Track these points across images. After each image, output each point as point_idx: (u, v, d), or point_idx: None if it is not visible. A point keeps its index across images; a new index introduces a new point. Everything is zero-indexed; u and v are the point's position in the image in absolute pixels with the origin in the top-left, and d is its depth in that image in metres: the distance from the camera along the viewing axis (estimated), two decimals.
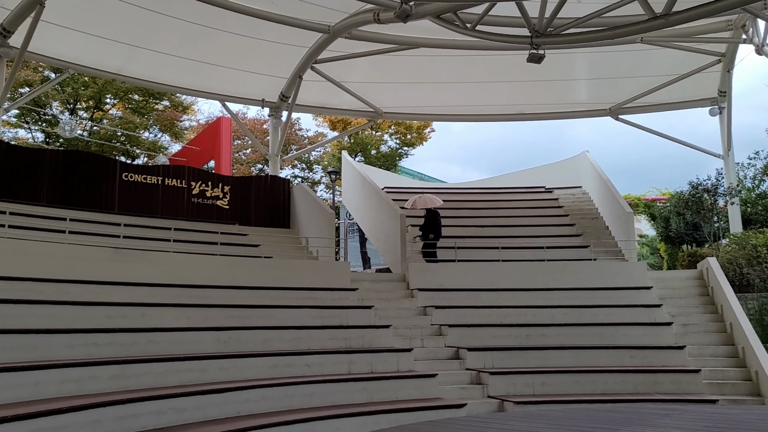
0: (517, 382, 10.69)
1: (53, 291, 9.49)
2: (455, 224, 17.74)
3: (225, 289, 11.66)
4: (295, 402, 8.93)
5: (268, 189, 18.15)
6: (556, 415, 7.14)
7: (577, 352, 11.69)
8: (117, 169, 15.84)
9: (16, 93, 26.88)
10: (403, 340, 11.81)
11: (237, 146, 37.64)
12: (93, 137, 30.69)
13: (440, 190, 22.61)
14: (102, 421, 6.82)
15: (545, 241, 16.04)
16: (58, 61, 17.80)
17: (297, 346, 10.56)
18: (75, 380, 7.44)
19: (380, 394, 9.64)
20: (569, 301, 13.34)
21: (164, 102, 34.12)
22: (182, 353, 9.14)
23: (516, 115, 22.16)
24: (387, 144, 38.82)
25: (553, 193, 20.95)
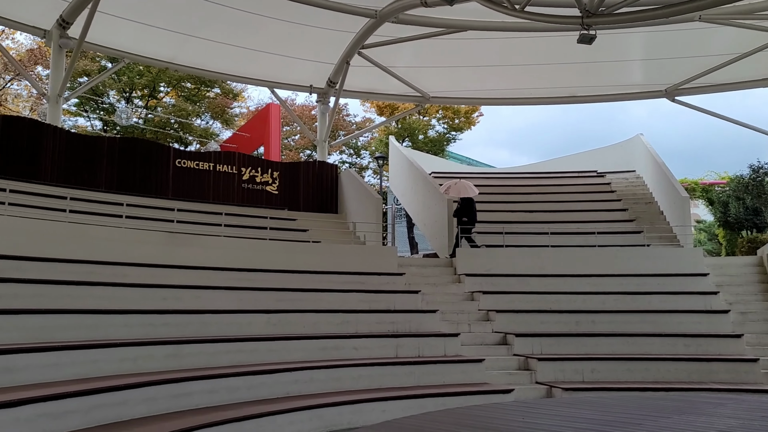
0: (566, 368, 10.57)
1: (111, 273, 9.85)
2: (503, 209, 17.58)
3: (274, 272, 11.88)
4: (342, 384, 9.05)
5: (316, 174, 18.33)
6: (605, 401, 7.02)
7: (629, 340, 11.47)
8: (171, 155, 16.27)
9: (75, 82, 27.86)
10: (450, 325, 11.82)
11: (286, 132, 38.09)
12: (148, 125, 31.58)
13: (488, 175, 22.44)
14: (157, 398, 7.07)
15: (596, 226, 15.71)
16: (114, 50, 18.34)
17: (345, 330, 10.69)
18: (132, 359, 7.73)
19: (427, 378, 9.68)
20: (621, 288, 13.09)
21: (215, 89, 34.81)
22: (234, 335, 9.38)
23: (567, 98, 21.67)
24: (434, 129, 38.61)
25: (605, 177, 20.47)
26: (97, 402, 6.36)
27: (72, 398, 6.08)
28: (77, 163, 14.70)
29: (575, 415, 5.98)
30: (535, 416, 5.97)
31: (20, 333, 7.29)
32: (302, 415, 7.79)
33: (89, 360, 7.24)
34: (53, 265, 9.24)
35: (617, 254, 14.15)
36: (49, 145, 14.37)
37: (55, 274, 9.08)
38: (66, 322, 7.84)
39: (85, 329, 8.01)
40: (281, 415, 7.57)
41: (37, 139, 14.22)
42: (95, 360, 7.30)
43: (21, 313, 7.42)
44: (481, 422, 5.69)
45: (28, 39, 29.91)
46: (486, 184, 20.25)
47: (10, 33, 28.95)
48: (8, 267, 8.63)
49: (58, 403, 5.95)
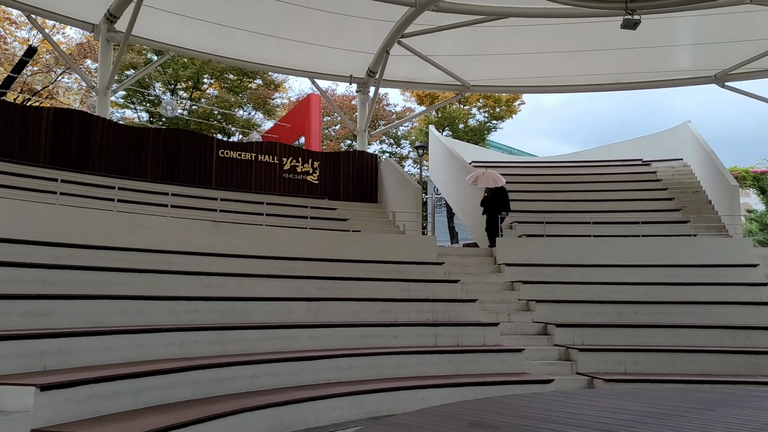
0: (608, 359, 10.44)
1: (158, 261, 10.14)
2: (544, 198, 17.39)
3: (315, 261, 12.04)
4: (382, 372, 9.14)
5: (356, 164, 18.44)
6: (647, 393, 6.92)
7: (674, 331, 11.26)
8: (214, 146, 16.60)
9: (122, 75, 28.57)
10: (489, 314, 11.79)
11: (326, 122, 38.34)
12: (192, 116, 32.21)
13: (529, 164, 22.19)
14: (201, 382, 7.27)
15: (641, 215, 15.40)
16: (159, 43, 18.76)
17: (384, 318, 10.78)
18: (178, 344, 7.95)
19: (466, 367, 9.70)
20: (666, 279, 12.84)
21: (257, 80, 35.24)
22: (275, 322, 9.56)
23: (611, 85, 21.21)
24: (475, 118, 38.32)
25: (650, 165, 20.01)
26: (145, 385, 6.58)
27: (122, 380, 6.31)
28: (125, 154, 15.15)
29: (616, 406, 5.92)
30: (575, 407, 5.93)
31: (73, 318, 7.58)
32: (342, 401, 7.90)
33: (138, 344, 7.48)
34: (103, 252, 9.56)
35: (662, 244, 13.86)
36: (98, 137, 14.84)
37: (105, 261, 9.41)
38: (116, 307, 8.11)
39: (134, 315, 8.27)
40: (322, 400, 7.69)
41: (87, 131, 14.70)
42: (143, 344, 7.54)
43: (74, 298, 7.71)
44: (519, 411, 5.69)
45: (78, 33, 30.81)
46: (527, 173, 20.07)
47: (60, 28, 29.84)
48: (61, 254, 8.98)
49: (109, 385, 6.18)
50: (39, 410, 5.41)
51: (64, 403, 5.68)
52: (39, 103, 28.08)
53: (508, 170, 20.15)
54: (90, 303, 7.83)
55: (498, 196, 15.06)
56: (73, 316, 7.59)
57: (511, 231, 15.40)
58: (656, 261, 13.33)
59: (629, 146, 22.00)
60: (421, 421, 5.16)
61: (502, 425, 5.00)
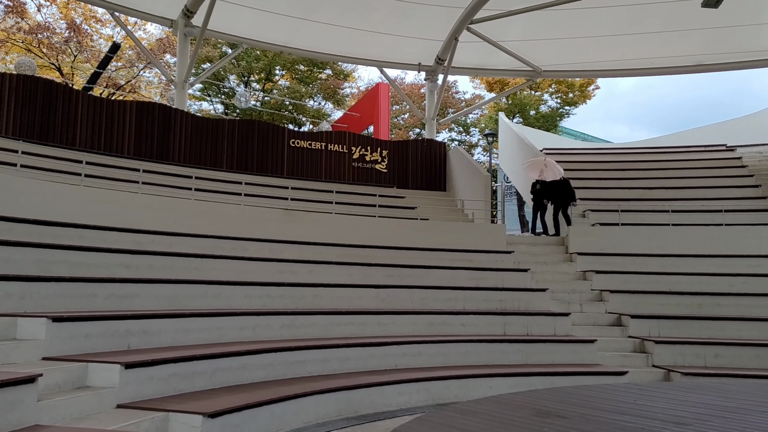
0: (686, 352, 10.05)
1: (232, 247, 10.52)
2: (620, 186, 16.86)
3: (383, 249, 12.15)
4: (450, 359, 9.16)
5: (425, 153, 18.44)
6: (727, 387, 6.63)
7: (758, 325, 10.70)
8: (285, 136, 17.00)
9: (199, 68, 29.58)
10: (560, 304, 11.58)
11: (395, 111, 38.42)
12: (264, 107, 32.99)
13: (604, 151, 21.54)
14: (274, 365, 7.51)
15: (723, 203, 14.70)
16: (233, 36, 19.32)
17: (452, 306, 10.77)
18: (251, 327, 8.24)
19: (535, 356, 9.57)
20: (751, 269, 12.23)
21: (327, 71, 35.68)
22: (344, 308, 9.73)
23: (693, 67, 20.24)
24: (547, 104, 37.45)
25: (735, 151, 19.04)
26: (221, 365, 6.86)
27: (200, 361, 6.60)
28: (202, 144, 15.76)
29: (693, 400, 5.73)
30: (649, 399, 5.77)
31: (155, 300, 7.98)
32: (410, 387, 7.97)
33: (214, 327, 7.79)
34: (182, 239, 10.01)
35: (746, 233, 13.19)
36: (178, 129, 15.49)
37: (184, 247, 9.85)
38: (194, 291, 8.47)
39: (210, 299, 8.62)
40: (390, 386, 7.79)
41: (167, 123, 15.36)
42: (219, 327, 7.85)
43: (156, 282, 8.10)
44: (589, 402, 5.59)
45: (158, 29, 32.11)
46: (602, 159, 19.50)
47: (141, 24, 31.18)
48: (144, 240, 9.46)
49: (188, 365, 6.48)
50: (123, 386, 5.73)
51: (146, 381, 5.99)
52: (123, 97, 29.48)
53: (581, 157, 19.68)
54: (170, 287, 8.21)
55: (562, 187, 14.74)
56: (154, 299, 7.98)
57: (583, 219, 15.03)
58: (741, 251, 12.71)
59: (711, 131, 20.99)
60: (487, 408, 5.16)
61: (570, 415, 4.94)
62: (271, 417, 6.30)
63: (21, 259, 7.35)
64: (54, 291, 6.87)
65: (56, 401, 5.04)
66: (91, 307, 7.20)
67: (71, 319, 6.18)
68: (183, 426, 5.48)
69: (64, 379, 5.47)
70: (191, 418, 5.49)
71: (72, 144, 14.17)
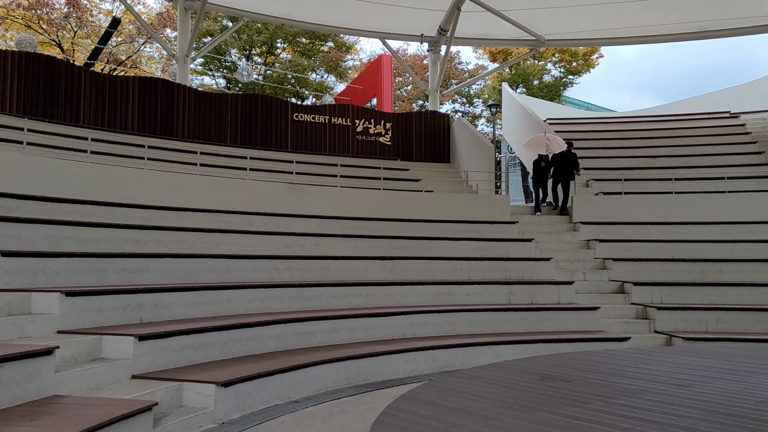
0: (688, 318, 10.19)
1: (239, 222, 10.65)
2: (623, 155, 16.87)
3: (389, 221, 12.26)
4: (456, 328, 9.32)
5: (428, 124, 18.42)
6: (728, 351, 6.77)
7: (761, 290, 10.84)
8: (289, 109, 17.00)
9: (200, 43, 29.42)
10: (564, 273, 11.70)
11: (398, 83, 38.21)
12: (267, 80, 32.85)
13: (607, 120, 21.47)
14: (284, 335, 7.67)
15: (726, 171, 14.72)
16: (234, 9, 19.19)
17: (457, 276, 10.91)
18: (260, 299, 8.39)
19: (540, 324, 9.73)
20: (753, 236, 12.32)
21: (329, 43, 35.42)
22: (351, 279, 9.88)
23: (697, 34, 20.03)
24: (550, 73, 37.18)
25: (739, 118, 18.97)
26: (232, 337, 7.02)
27: (211, 332, 6.76)
28: (206, 119, 15.79)
29: (693, 363, 5.86)
30: (650, 363, 5.91)
31: (165, 274, 8.12)
32: (417, 355, 8.14)
33: (224, 299, 7.95)
34: (189, 214, 10.12)
35: (749, 200, 13.24)
36: (181, 104, 15.50)
37: (192, 222, 9.97)
38: (203, 265, 8.61)
39: (219, 272, 8.77)
40: (397, 354, 7.96)
41: (170, 99, 15.37)
42: (229, 300, 8.00)
43: (165, 257, 8.23)
44: (592, 366, 5.73)
45: (157, 3, 31.90)
46: (605, 129, 19.47)
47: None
48: (152, 216, 9.58)
49: (199, 337, 6.63)
50: (138, 358, 5.89)
51: (160, 352, 6.15)
52: (124, 72, 29.38)
53: (585, 126, 19.64)
54: (180, 261, 8.34)
55: (566, 158, 14.38)
56: (164, 273, 8.12)
57: (587, 189, 15.08)
58: (743, 218, 12.78)
59: (716, 98, 20.89)
60: (492, 373, 5.31)
61: (574, 379, 5.08)
62: (282, 385, 6.47)
63: (32, 236, 7.48)
64: (65, 266, 7.01)
65: (73, 372, 5.20)
66: (102, 282, 7.35)
67: (84, 293, 6.32)
68: (197, 395, 5.65)
69: (79, 352, 5.62)
70: (205, 388, 5.65)
71: (76, 121, 14.21)
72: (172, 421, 5.17)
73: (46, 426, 4.10)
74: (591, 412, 3.79)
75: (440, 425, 3.50)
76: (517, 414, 3.78)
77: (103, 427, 4.26)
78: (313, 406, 6.22)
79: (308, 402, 6.39)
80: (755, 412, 3.86)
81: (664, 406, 3.98)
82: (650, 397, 4.27)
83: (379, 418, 3.70)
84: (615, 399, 4.19)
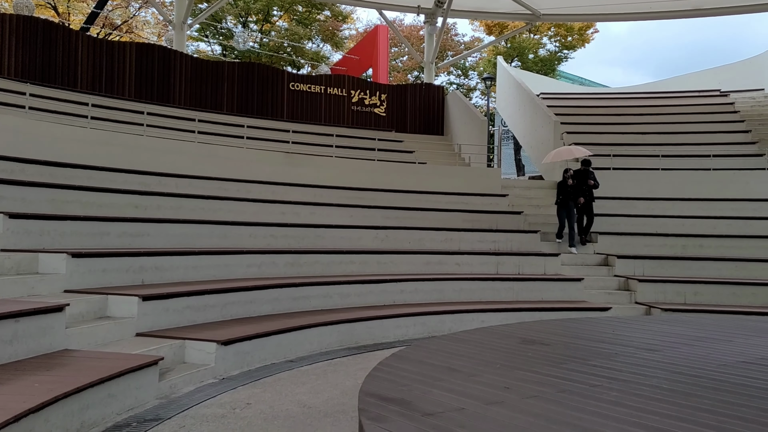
0: (668, 290, 10.60)
1: (237, 189, 10.90)
2: (613, 131, 17.13)
3: (382, 191, 12.55)
4: (445, 296, 9.68)
5: (423, 97, 18.58)
6: (701, 320, 7.14)
7: (739, 265, 11.24)
8: (285, 79, 17.10)
9: (196, 8, 29.19)
10: (551, 245, 12.05)
11: (394, 54, 38.07)
12: (263, 48, 32.69)
13: (600, 96, 21.66)
14: (280, 299, 7.99)
15: (713, 148, 15.04)
16: None
17: (448, 247, 11.25)
18: (257, 265, 8.69)
19: (526, 294, 10.11)
20: (735, 212, 12.69)
21: (325, 12, 35.17)
22: (345, 248, 10.19)
23: (691, 11, 20.14)
24: (545, 48, 37.14)
25: (728, 96, 19.23)
26: (231, 299, 7.33)
27: (211, 295, 7.06)
28: (203, 87, 15.89)
29: (666, 331, 6.22)
30: (626, 330, 6.27)
31: (165, 239, 8.39)
32: (407, 320, 8.50)
33: (222, 264, 8.24)
34: (188, 180, 10.36)
35: (733, 178, 13.59)
36: (178, 71, 15.58)
37: (190, 188, 10.22)
38: (201, 231, 8.89)
39: (218, 238, 9.05)
40: (388, 319, 8.30)
41: (167, 66, 15.45)
42: (227, 264, 8.30)
43: (165, 222, 8.49)
44: (571, 332, 6.08)
45: None
46: (597, 104, 19.68)
47: None
48: (152, 182, 9.82)
49: (199, 298, 6.94)
50: (142, 317, 6.20)
51: (162, 312, 6.46)
52: (119, 37, 29.17)
53: (577, 102, 19.84)
54: (179, 226, 8.61)
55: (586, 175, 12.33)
56: (164, 237, 8.40)
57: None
58: (727, 195, 13.14)
59: (706, 76, 21.10)
60: (477, 337, 5.65)
61: (553, 343, 5.43)
62: (279, 346, 6.82)
63: (36, 199, 7.72)
64: (69, 229, 7.27)
65: (82, 329, 5.50)
66: (104, 245, 7.62)
67: (89, 255, 6.60)
68: (199, 352, 5.98)
69: (86, 310, 5.92)
70: (206, 345, 5.98)
71: (73, 85, 14.31)
72: (175, 375, 5.50)
73: (62, 375, 4.41)
74: (565, 371, 4.12)
75: (427, 380, 3.83)
76: (497, 371, 4.11)
77: (114, 378, 4.59)
78: (307, 365, 6.57)
79: (303, 362, 6.73)
80: (715, 374, 4.21)
81: (633, 367, 4.33)
82: (622, 359, 4.62)
83: (371, 373, 4.02)
84: (589, 360, 4.53)
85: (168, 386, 5.30)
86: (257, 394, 5.30)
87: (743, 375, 4.11)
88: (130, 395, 4.77)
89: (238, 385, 5.65)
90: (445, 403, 3.22)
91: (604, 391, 3.56)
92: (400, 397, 3.36)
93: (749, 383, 3.87)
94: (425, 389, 3.55)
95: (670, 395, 3.50)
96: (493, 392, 3.50)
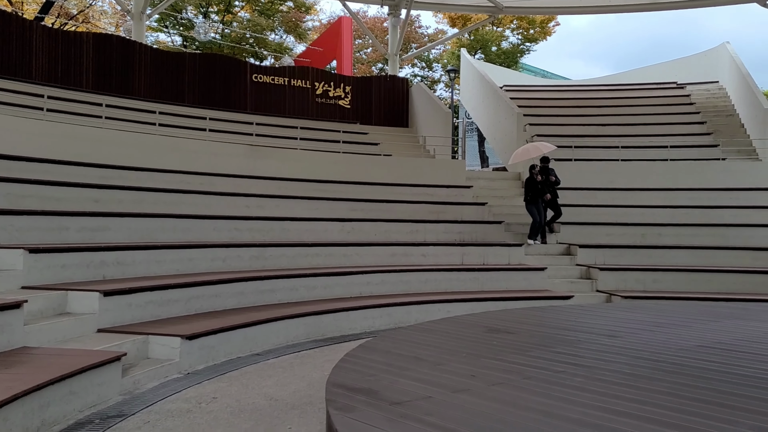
0: (628, 278, 10.85)
1: (200, 182, 10.75)
2: (574, 123, 17.40)
3: (348, 184, 12.53)
4: (411, 287, 9.73)
5: (388, 89, 18.58)
6: (661, 307, 7.34)
7: (696, 252, 11.56)
8: (248, 70, 16.90)
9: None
10: (515, 236, 12.22)
11: (358, 46, 37.95)
12: (225, 39, 32.22)
13: (561, 88, 21.96)
14: (245, 293, 7.93)
15: (671, 139, 15.41)
16: None
17: (414, 238, 11.31)
18: (222, 258, 8.60)
19: (490, 283, 10.23)
20: (692, 202, 13.04)
21: (288, 2, 34.82)
22: (311, 240, 10.15)
23: (648, 5, 20.59)
24: (508, 40, 37.47)
25: (685, 89, 19.70)
26: (195, 294, 7.24)
27: (174, 289, 6.96)
28: (164, 78, 15.59)
29: (627, 318, 6.38)
30: (588, 317, 6.41)
31: (126, 233, 8.23)
32: (374, 312, 8.52)
33: (186, 258, 8.12)
34: (149, 174, 10.18)
35: (690, 168, 13.96)
36: (137, 62, 15.26)
37: (152, 182, 10.04)
38: (164, 225, 8.74)
39: (181, 232, 8.92)
40: (355, 311, 8.31)
41: (127, 57, 15.12)
42: (191, 258, 8.18)
43: (126, 216, 8.33)
44: (536, 320, 6.20)
45: None
46: (559, 97, 19.95)
47: None
48: (112, 175, 9.61)
49: (163, 293, 6.83)
50: (103, 313, 6.08)
51: (125, 308, 6.35)
52: (75, 27, 28.40)
53: (539, 94, 20.09)
54: (141, 221, 8.46)
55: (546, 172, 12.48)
56: (126, 231, 8.24)
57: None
58: (684, 185, 13.49)
59: (665, 69, 21.58)
60: (443, 327, 5.71)
61: (518, 331, 5.52)
62: (245, 339, 6.76)
63: None
64: (27, 224, 7.07)
65: (41, 326, 5.37)
66: (64, 239, 7.44)
67: (48, 250, 6.44)
68: (163, 347, 5.90)
69: (45, 306, 5.78)
70: (170, 340, 5.90)
71: (28, 76, 13.89)
72: (139, 371, 5.41)
73: (21, 373, 4.31)
74: (530, 359, 4.20)
75: (394, 370, 3.85)
76: (463, 360, 4.16)
77: (76, 374, 4.49)
78: (274, 358, 6.54)
79: (269, 355, 6.70)
80: (675, 358, 4.33)
81: (595, 353, 4.43)
82: (585, 346, 4.72)
83: (338, 364, 4.03)
84: (553, 348, 4.61)
85: (131, 382, 5.21)
86: (223, 388, 5.26)
87: (701, 359, 4.24)
88: (93, 392, 4.68)
89: (204, 379, 5.60)
90: (412, 392, 3.25)
91: (568, 377, 3.64)
92: (367, 387, 3.38)
93: (707, 366, 4.00)
94: (392, 379, 3.57)
95: (631, 379, 3.60)
96: (460, 380, 3.55)
